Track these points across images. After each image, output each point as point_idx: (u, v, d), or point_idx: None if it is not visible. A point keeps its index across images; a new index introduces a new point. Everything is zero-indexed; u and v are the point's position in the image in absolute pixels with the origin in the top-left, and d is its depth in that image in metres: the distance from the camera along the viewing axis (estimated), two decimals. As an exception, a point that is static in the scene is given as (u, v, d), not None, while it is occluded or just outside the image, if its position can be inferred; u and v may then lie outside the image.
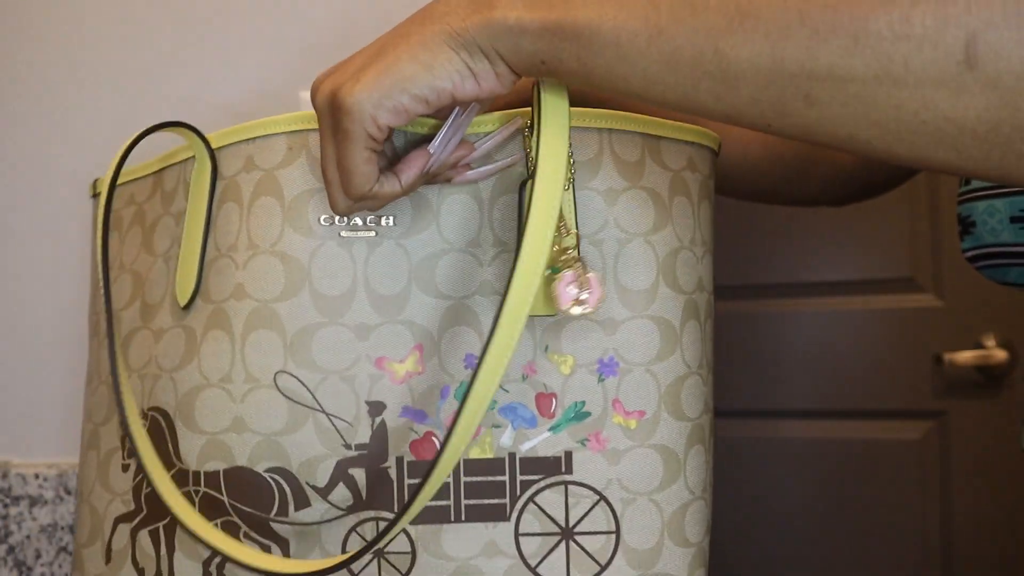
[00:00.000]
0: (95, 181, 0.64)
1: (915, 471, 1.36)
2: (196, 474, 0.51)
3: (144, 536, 0.53)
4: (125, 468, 0.55)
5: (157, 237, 0.57)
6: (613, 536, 0.52)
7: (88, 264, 0.90)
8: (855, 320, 1.39)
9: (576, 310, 0.48)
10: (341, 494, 0.49)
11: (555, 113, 0.45)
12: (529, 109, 0.51)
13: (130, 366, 0.56)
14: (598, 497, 0.52)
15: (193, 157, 0.54)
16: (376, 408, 0.49)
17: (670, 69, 0.38)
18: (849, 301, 1.40)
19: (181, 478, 0.52)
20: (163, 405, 0.54)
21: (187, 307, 0.53)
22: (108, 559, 0.55)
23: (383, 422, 0.49)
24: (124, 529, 0.54)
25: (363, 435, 0.49)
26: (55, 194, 0.91)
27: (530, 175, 0.51)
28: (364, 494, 0.49)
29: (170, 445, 0.53)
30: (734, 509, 1.46)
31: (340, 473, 0.49)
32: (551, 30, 0.39)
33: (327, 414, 0.49)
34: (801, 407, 1.42)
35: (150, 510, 0.53)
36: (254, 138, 0.52)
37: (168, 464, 0.52)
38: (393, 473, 0.49)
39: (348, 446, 0.49)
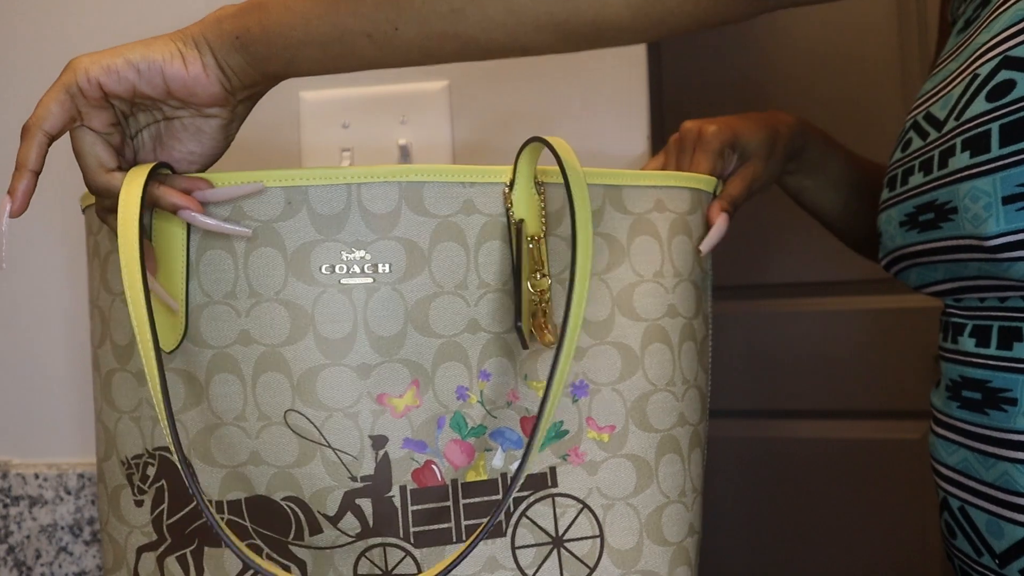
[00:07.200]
0: (84, 195, 0.63)
1: (914, 471, 1.34)
2: (219, 503, 0.55)
3: (172, 562, 0.57)
4: (139, 504, 0.58)
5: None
6: (598, 540, 0.57)
7: (85, 267, 0.89)
8: (855, 320, 1.37)
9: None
10: (350, 522, 0.53)
11: (573, 171, 0.52)
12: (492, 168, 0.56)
13: (118, 407, 0.59)
14: (582, 505, 0.57)
15: None
16: (379, 442, 0.54)
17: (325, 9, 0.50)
18: (849, 301, 1.37)
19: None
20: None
21: (173, 352, 0.55)
22: None
23: (386, 454, 0.54)
24: (149, 557, 0.58)
25: (367, 467, 0.53)
26: (54, 196, 0.89)
27: (513, 225, 0.56)
28: (371, 522, 0.53)
29: (187, 480, 0.56)
30: (732, 509, 1.45)
31: (348, 503, 0.53)
32: (244, 9, 0.52)
33: (333, 448, 0.53)
34: (800, 407, 1.41)
35: (175, 540, 0.57)
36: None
37: (187, 498, 0.56)
38: (397, 501, 0.54)
39: (354, 478, 0.53)
